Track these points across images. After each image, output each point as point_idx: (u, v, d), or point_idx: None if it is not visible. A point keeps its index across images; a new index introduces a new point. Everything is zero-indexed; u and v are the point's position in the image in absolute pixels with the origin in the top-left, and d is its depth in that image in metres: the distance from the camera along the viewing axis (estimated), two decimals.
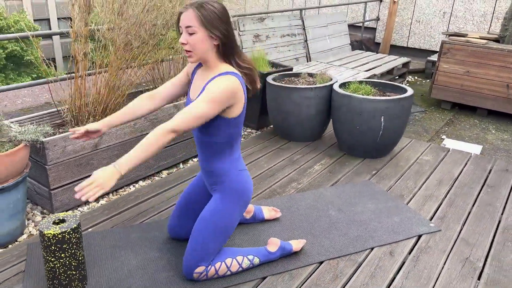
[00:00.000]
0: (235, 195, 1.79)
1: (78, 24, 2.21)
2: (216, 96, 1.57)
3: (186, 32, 1.61)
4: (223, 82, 1.59)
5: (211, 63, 1.68)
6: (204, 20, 1.58)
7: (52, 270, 1.68)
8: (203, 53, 1.64)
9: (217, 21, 1.60)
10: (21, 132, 2.09)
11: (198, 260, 1.77)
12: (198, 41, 1.60)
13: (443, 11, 6.57)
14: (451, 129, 4.20)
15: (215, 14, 1.60)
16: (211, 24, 1.59)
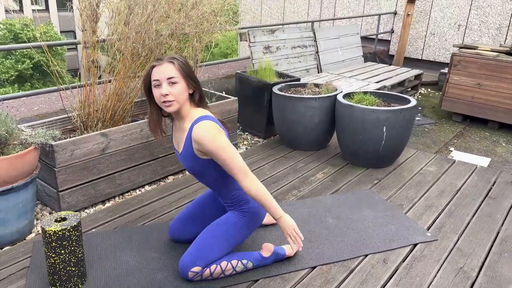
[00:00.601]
0: (247, 216, 1.92)
1: (86, 33, 2.33)
2: (216, 142, 1.71)
3: (167, 84, 1.72)
4: (205, 131, 1.71)
5: (184, 111, 1.80)
6: (184, 71, 1.74)
7: (53, 265, 1.77)
8: (182, 102, 1.76)
9: (191, 71, 1.78)
10: (32, 135, 2.21)
11: (197, 259, 1.84)
12: (180, 91, 1.74)
13: (458, 24, 6.55)
14: (460, 141, 4.18)
15: (188, 65, 1.78)
16: (188, 75, 1.76)
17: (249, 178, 1.76)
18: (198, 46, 2.88)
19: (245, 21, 9.24)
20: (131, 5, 2.50)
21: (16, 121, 2.31)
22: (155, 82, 1.73)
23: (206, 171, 1.84)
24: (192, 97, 1.82)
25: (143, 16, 2.44)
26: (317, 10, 8.16)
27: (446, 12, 6.61)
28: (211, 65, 4.72)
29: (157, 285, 1.86)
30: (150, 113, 1.88)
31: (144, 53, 2.66)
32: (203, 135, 1.71)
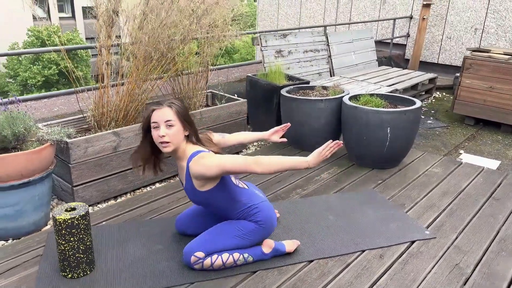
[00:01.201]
0: (265, 226, 2.03)
1: (102, 37, 2.48)
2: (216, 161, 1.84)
3: (165, 126, 1.87)
4: (202, 161, 1.84)
5: (180, 151, 1.94)
6: (180, 115, 1.90)
7: (63, 252, 1.90)
8: (178, 143, 1.90)
9: (187, 115, 1.94)
10: (48, 133, 2.37)
11: (202, 246, 1.96)
12: (176, 132, 1.89)
13: (474, 28, 6.51)
14: (471, 144, 4.17)
15: (185, 109, 1.94)
16: (184, 118, 1.91)
17: (258, 164, 1.81)
18: (208, 52, 3.00)
19: (261, 26, 9.37)
20: (145, 11, 2.63)
21: (35, 120, 2.47)
22: (154, 124, 1.89)
23: (210, 201, 1.97)
24: (188, 138, 1.96)
25: (156, 21, 2.58)
26: (333, 15, 8.22)
27: (462, 15, 6.58)
28: (222, 68, 4.85)
29: (160, 274, 1.97)
30: (139, 148, 2.02)
31: (156, 57, 2.79)
32: (197, 167, 1.84)
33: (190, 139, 1.96)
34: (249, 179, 2.96)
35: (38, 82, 17.15)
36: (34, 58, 17.30)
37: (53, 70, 17.27)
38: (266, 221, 2.02)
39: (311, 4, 8.50)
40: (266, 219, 2.02)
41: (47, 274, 1.96)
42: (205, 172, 1.83)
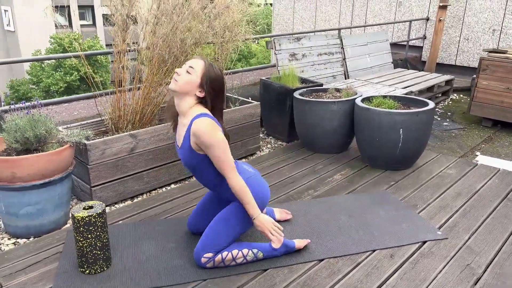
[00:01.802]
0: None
1: (117, 41, 2.57)
2: (210, 138, 1.87)
3: (186, 69, 1.93)
4: (202, 127, 1.87)
5: (185, 106, 1.96)
6: (205, 75, 1.93)
7: (81, 249, 1.97)
8: (183, 91, 1.93)
9: (215, 82, 1.95)
10: (67, 135, 2.46)
11: (208, 246, 2.00)
12: (188, 81, 1.92)
13: (492, 29, 6.42)
14: (488, 146, 4.12)
15: (215, 75, 1.95)
16: (207, 79, 1.93)
17: (236, 174, 1.92)
18: (219, 54, 3.06)
19: (277, 30, 9.43)
20: (158, 15, 2.72)
21: (55, 123, 2.57)
22: (185, 65, 1.96)
23: (201, 167, 1.99)
24: (202, 102, 1.98)
25: (168, 26, 2.66)
26: (348, 18, 8.22)
27: (480, 17, 6.50)
28: (237, 72, 4.92)
29: (173, 270, 2.03)
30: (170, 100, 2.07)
31: (170, 60, 2.87)
32: (200, 129, 1.86)
33: (204, 103, 1.96)
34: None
35: (60, 88, 17.60)
36: (56, 64, 17.78)
37: (75, 76, 17.70)
38: (255, 195, 2.00)
39: (326, 8, 8.52)
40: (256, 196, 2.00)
41: (66, 270, 2.04)
42: (204, 138, 1.85)
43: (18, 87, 18.06)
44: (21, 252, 2.20)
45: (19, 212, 2.33)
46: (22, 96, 17.38)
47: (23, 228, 2.38)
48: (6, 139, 2.36)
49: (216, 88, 1.96)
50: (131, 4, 2.55)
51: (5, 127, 2.36)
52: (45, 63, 18.02)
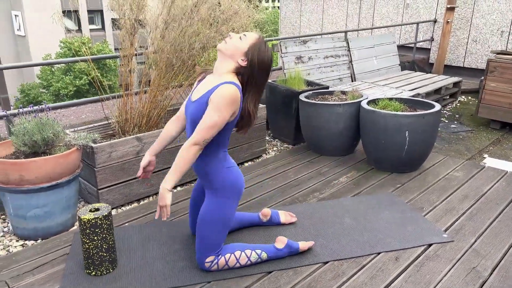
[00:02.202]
0: (224, 191, 1.98)
1: (124, 45, 2.61)
2: (222, 105, 1.82)
3: (239, 35, 1.92)
4: (226, 91, 1.82)
5: (222, 70, 1.91)
6: (255, 46, 1.90)
7: (87, 250, 2.00)
8: (228, 53, 1.89)
9: (259, 58, 1.90)
10: (74, 138, 2.49)
11: (205, 250, 2.00)
12: (237, 45, 1.89)
13: (501, 30, 6.38)
14: (496, 148, 4.09)
15: (264, 54, 1.91)
16: (253, 53, 1.89)
17: (193, 147, 1.82)
18: None
19: (284, 33, 9.45)
20: (167, 20, 2.75)
21: (63, 126, 2.61)
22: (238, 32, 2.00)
23: None
24: (240, 73, 1.92)
25: (177, 30, 2.68)
26: (355, 20, 8.22)
27: (488, 18, 6.46)
28: None
29: (178, 272, 2.04)
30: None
31: (178, 64, 2.90)
32: (224, 93, 1.81)
33: (242, 77, 1.91)
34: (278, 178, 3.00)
35: (70, 92, 17.79)
36: (66, 69, 17.98)
37: (84, 80, 17.90)
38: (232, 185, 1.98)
39: (333, 10, 8.52)
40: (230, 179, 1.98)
41: (73, 271, 2.06)
42: (216, 95, 1.81)
43: (28, 91, 18.30)
44: (29, 253, 2.23)
45: (27, 215, 2.36)
46: (33, 100, 17.60)
47: (31, 230, 2.41)
48: (15, 142, 2.39)
49: (259, 63, 1.89)
50: (139, 9, 2.58)
51: (14, 131, 2.40)
52: (55, 67, 18.24)
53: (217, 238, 2.00)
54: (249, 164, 3.46)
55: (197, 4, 2.68)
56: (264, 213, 2.43)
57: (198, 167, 2.01)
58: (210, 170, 1.97)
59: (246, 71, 1.91)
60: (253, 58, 1.89)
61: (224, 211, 1.99)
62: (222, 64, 1.93)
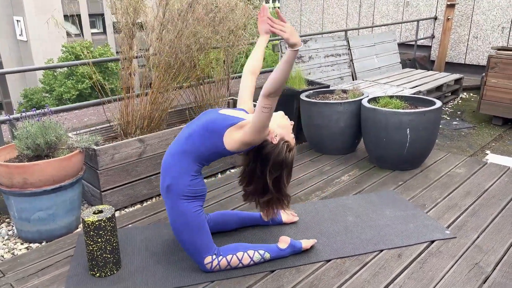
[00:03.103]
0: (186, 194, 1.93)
1: (123, 48, 2.62)
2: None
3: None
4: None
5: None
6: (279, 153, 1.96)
7: (91, 252, 2.01)
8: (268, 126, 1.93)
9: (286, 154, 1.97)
10: (77, 140, 2.51)
11: (197, 254, 2.00)
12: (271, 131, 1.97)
13: (501, 26, 6.37)
14: (498, 144, 4.08)
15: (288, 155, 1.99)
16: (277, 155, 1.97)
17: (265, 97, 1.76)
18: (227, 58, 3.10)
19: None
20: (163, 22, 2.76)
21: (65, 129, 2.63)
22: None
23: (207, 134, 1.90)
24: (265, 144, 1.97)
25: (174, 32, 2.70)
26: (355, 19, 8.22)
27: (488, 14, 6.45)
28: None
29: (181, 273, 2.05)
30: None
31: (176, 66, 2.91)
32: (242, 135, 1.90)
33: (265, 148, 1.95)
34: None
35: (73, 96, 17.86)
36: (68, 73, 18.06)
37: (86, 84, 17.97)
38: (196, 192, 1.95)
39: (334, 10, 8.52)
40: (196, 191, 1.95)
41: (77, 273, 2.08)
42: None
43: (31, 96, 18.39)
44: (33, 256, 2.24)
45: (31, 217, 2.38)
46: (36, 104, 17.68)
47: (35, 233, 2.43)
48: (18, 146, 2.41)
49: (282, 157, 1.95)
50: (137, 12, 2.60)
51: (17, 134, 2.42)
52: (57, 72, 18.32)
53: (201, 237, 1.96)
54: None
55: (192, 4, 2.69)
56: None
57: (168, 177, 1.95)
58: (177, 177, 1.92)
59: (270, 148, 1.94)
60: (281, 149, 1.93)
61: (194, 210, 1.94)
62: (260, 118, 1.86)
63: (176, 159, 1.94)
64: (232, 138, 1.88)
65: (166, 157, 1.99)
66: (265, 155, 1.94)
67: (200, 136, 1.92)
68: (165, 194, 1.97)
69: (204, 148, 1.91)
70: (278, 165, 1.95)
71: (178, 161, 1.93)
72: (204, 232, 1.98)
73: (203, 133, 1.91)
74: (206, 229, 2.00)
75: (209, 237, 2.01)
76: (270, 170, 1.95)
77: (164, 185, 1.96)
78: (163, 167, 1.99)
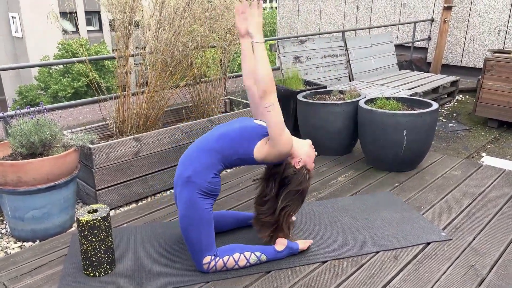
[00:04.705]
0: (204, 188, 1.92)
1: (119, 46, 2.60)
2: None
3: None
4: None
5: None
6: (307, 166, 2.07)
7: (86, 252, 1.99)
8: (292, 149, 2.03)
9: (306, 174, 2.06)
10: (72, 139, 2.49)
11: (198, 252, 1.98)
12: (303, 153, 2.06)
13: (498, 29, 6.39)
14: (494, 147, 4.09)
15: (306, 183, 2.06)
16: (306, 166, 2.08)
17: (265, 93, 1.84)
18: (224, 57, 3.08)
19: (282, 33, 9.45)
20: (160, 21, 2.75)
21: (60, 127, 2.60)
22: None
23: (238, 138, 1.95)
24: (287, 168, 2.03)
25: (170, 30, 2.68)
26: (352, 20, 8.23)
27: (485, 17, 6.48)
28: (240, 76, 4.93)
29: (177, 273, 2.04)
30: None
31: (173, 64, 2.90)
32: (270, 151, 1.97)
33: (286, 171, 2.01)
34: None
35: (68, 94, 17.75)
36: (64, 70, 17.95)
37: (82, 82, 17.86)
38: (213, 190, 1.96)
39: (331, 10, 8.53)
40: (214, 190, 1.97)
41: (71, 273, 2.05)
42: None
43: (26, 93, 18.25)
44: (27, 255, 2.22)
45: (24, 216, 2.36)
46: (31, 102, 17.56)
47: (28, 232, 2.41)
48: (12, 143, 2.39)
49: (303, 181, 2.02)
50: (133, 11, 2.58)
51: (11, 132, 2.39)
52: (53, 69, 18.21)
53: (205, 236, 1.96)
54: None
55: (190, 3, 2.68)
56: None
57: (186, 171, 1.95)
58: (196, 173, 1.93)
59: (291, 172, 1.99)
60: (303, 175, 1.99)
61: (205, 207, 1.94)
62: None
63: (202, 154, 1.96)
64: (262, 147, 1.94)
65: (193, 150, 2.00)
66: (285, 177, 2.00)
67: (231, 140, 1.95)
68: (182, 184, 1.95)
69: (233, 152, 1.95)
70: (295, 191, 2.01)
71: (204, 157, 1.95)
72: (211, 231, 1.99)
73: (235, 138, 1.96)
74: (213, 228, 2.00)
75: (214, 237, 2.01)
76: (285, 194, 2.00)
77: (184, 175, 1.95)
78: (186, 158, 2.00)
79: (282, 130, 1.89)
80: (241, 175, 3.16)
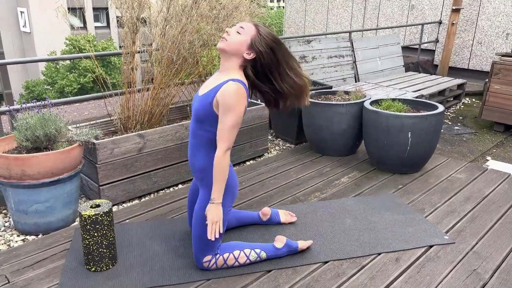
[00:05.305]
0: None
1: (126, 42, 2.61)
2: (232, 104, 1.81)
3: (236, 29, 1.87)
4: (231, 90, 1.81)
5: (229, 66, 1.90)
6: (256, 36, 1.86)
7: (87, 246, 2.00)
8: (231, 50, 1.86)
9: (266, 43, 1.87)
10: (77, 134, 2.50)
11: (202, 250, 1.99)
12: (237, 41, 1.85)
13: (506, 32, 6.35)
14: (499, 151, 4.07)
15: (268, 38, 1.87)
16: (257, 43, 1.85)
17: (226, 153, 1.84)
18: None
19: (288, 33, 9.44)
20: (167, 18, 2.75)
21: (65, 122, 2.61)
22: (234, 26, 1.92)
23: (207, 123, 1.90)
24: (247, 68, 1.90)
25: (177, 28, 2.69)
26: (359, 21, 8.20)
27: (493, 20, 6.43)
28: None
29: (178, 269, 2.04)
30: None
31: (179, 62, 2.90)
32: (229, 91, 1.80)
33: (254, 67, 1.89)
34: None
35: (74, 90, 17.84)
36: (70, 66, 18.03)
37: (88, 78, 17.94)
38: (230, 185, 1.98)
39: (338, 11, 8.50)
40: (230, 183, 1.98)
41: (73, 267, 2.07)
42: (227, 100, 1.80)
43: (33, 88, 18.36)
44: (30, 248, 2.23)
45: (28, 210, 2.37)
46: (37, 96, 17.66)
47: (32, 225, 2.42)
48: (17, 137, 2.40)
49: (268, 48, 1.86)
50: (141, 7, 2.59)
51: (16, 125, 2.40)
52: (60, 64, 18.29)
53: (217, 239, 1.98)
54: (251, 163, 3.45)
55: (197, 1, 2.68)
56: (264, 212, 2.43)
57: (197, 162, 1.99)
58: (208, 166, 1.95)
59: (256, 62, 1.89)
60: (259, 48, 1.85)
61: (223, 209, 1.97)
62: (227, 62, 1.91)
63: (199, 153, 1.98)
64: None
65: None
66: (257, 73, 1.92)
67: (199, 129, 1.94)
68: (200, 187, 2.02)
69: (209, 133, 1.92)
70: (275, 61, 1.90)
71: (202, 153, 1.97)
72: (222, 233, 1.98)
73: (198, 125, 1.93)
74: (223, 227, 1.99)
75: (221, 236, 2.01)
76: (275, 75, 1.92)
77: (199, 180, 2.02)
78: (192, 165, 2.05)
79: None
80: (241, 175, 3.16)
